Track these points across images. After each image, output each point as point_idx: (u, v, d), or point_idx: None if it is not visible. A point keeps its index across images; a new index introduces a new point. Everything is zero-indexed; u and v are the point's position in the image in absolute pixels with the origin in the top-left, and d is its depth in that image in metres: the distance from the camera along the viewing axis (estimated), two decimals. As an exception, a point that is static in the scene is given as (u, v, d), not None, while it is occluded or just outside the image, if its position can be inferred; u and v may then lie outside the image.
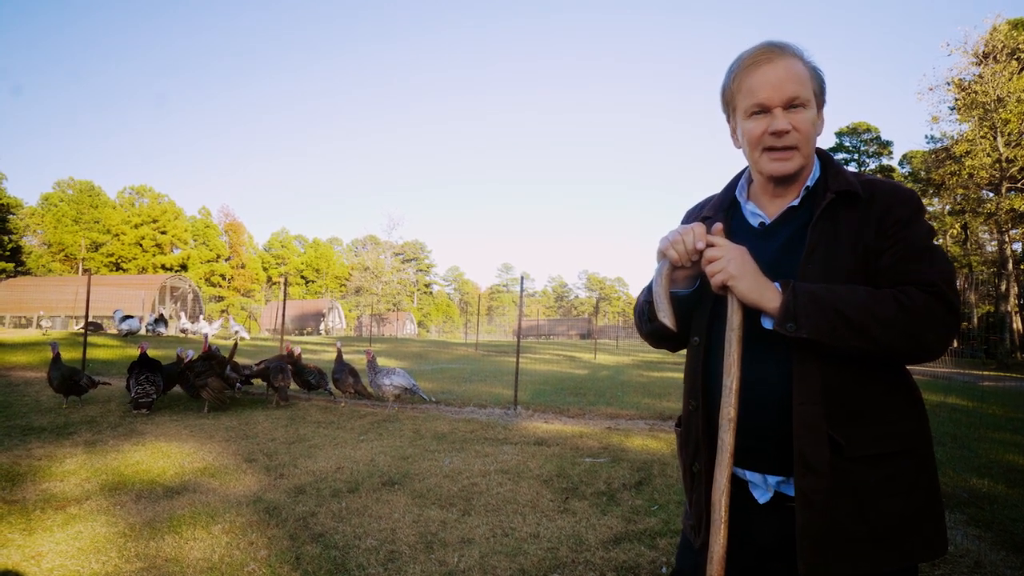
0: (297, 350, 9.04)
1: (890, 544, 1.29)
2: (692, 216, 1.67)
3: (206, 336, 8.59)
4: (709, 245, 1.36)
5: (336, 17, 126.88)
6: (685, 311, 1.51)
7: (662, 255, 1.44)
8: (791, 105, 1.39)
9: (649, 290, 1.53)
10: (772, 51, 1.41)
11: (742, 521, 1.38)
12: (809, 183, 1.45)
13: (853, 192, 1.37)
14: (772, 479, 1.37)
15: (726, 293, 1.34)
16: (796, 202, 1.45)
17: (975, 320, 39.76)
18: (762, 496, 1.39)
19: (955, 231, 40.59)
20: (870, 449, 1.30)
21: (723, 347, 1.34)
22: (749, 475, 1.41)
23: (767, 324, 1.32)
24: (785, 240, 1.43)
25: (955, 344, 35.85)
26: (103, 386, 8.67)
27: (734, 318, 1.32)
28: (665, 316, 1.42)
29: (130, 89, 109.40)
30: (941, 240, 41.43)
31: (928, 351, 1.29)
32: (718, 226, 1.38)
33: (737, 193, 1.58)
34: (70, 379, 7.69)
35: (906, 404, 1.37)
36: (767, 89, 1.38)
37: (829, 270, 1.33)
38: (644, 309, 1.58)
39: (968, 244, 41.15)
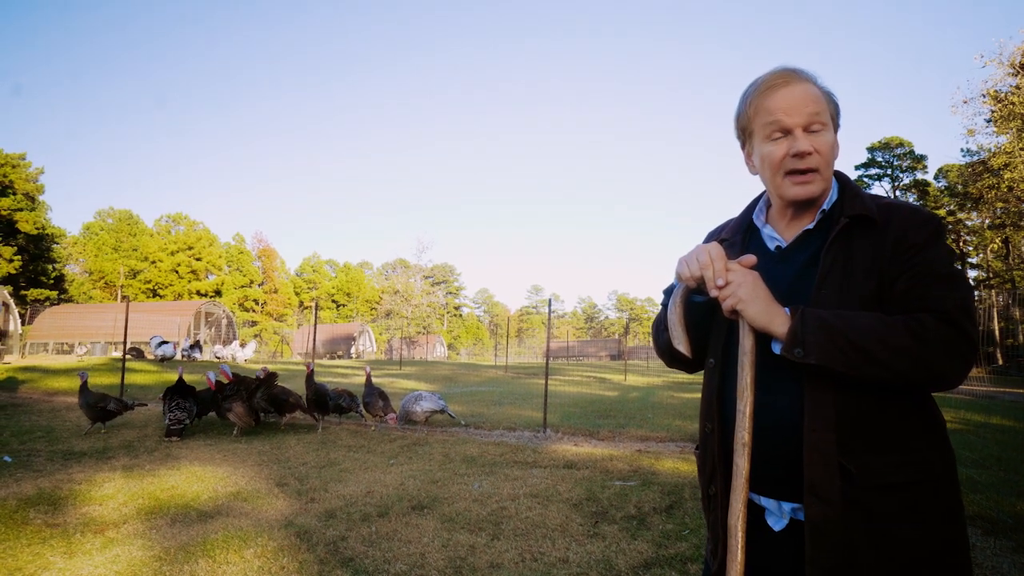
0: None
1: (908, 574, 1.25)
2: (712, 237, 1.65)
3: (224, 367, 8.69)
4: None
5: (363, 41, 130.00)
6: (702, 332, 1.50)
7: (679, 277, 1.42)
8: (811, 127, 1.37)
9: (667, 306, 1.51)
10: (788, 75, 1.41)
11: (758, 548, 1.35)
12: (825, 206, 1.43)
13: (868, 216, 1.35)
14: (787, 506, 1.34)
15: (737, 318, 1.33)
16: (811, 226, 1.44)
17: (1021, 337, 38.41)
18: (777, 523, 1.37)
19: (996, 245, 39.51)
20: (885, 478, 1.26)
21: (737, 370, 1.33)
22: (764, 501, 1.38)
23: (776, 349, 1.30)
24: (801, 265, 1.41)
25: (1000, 362, 34.78)
26: (139, 407, 8.86)
27: (746, 342, 1.31)
28: (680, 343, 1.41)
29: (168, 120, 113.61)
30: (982, 255, 40.37)
31: (942, 380, 1.26)
32: (751, 258, 1.35)
33: (755, 217, 1.57)
34: (95, 406, 7.84)
35: (926, 431, 1.32)
36: (787, 111, 1.37)
37: (843, 296, 1.31)
38: (662, 327, 1.55)
39: (1010, 258, 39.96)
